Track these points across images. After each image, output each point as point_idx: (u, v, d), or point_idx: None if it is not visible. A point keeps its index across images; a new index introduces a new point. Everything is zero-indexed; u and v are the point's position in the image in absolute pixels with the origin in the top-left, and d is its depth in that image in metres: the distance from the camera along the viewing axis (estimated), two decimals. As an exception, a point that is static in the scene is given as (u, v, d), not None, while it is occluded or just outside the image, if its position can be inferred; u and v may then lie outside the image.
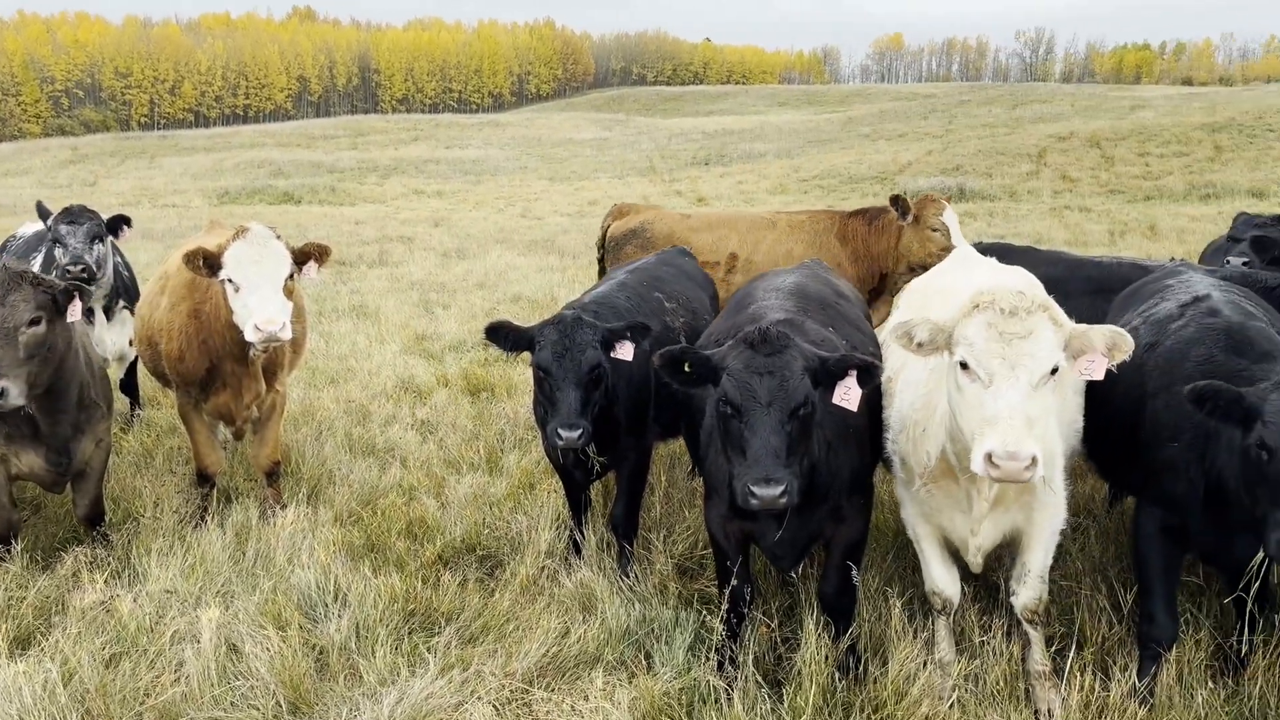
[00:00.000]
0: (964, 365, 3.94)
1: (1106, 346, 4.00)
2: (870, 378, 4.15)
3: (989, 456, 3.71)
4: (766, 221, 9.13)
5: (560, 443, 4.94)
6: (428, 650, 4.77)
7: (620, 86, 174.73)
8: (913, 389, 4.62)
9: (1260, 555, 4.03)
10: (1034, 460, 3.67)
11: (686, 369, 4.26)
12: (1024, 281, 5.18)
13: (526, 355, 5.25)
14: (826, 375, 4.14)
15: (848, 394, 4.14)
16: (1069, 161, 38.42)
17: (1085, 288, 6.13)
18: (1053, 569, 5.29)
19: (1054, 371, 3.89)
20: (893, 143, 51.18)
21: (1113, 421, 4.82)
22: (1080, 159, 38.85)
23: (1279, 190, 30.73)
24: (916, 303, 5.19)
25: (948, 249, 7.94)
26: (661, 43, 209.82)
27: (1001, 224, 24.84)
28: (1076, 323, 4.14)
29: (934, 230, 8.31)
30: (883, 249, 8.62)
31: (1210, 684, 4.41)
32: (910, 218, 8.46)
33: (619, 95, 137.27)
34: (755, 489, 3.89)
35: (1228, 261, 6.71)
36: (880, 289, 8.81)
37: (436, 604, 5.22)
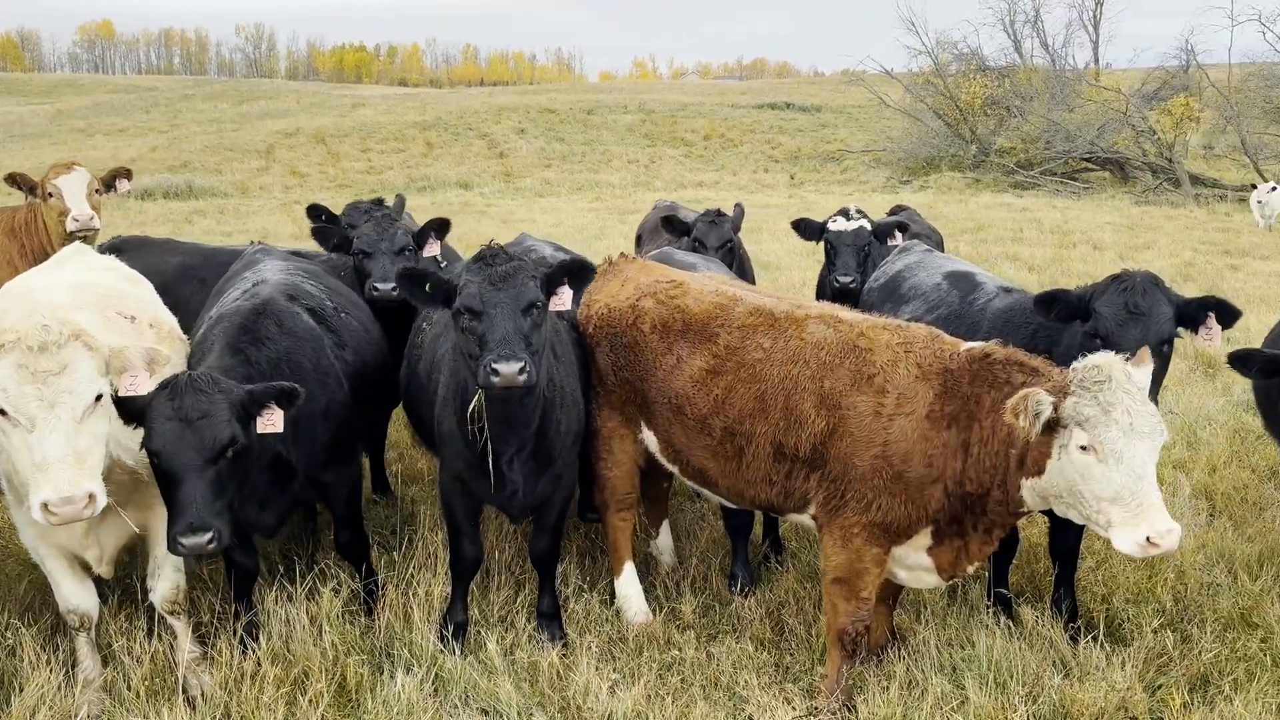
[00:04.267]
0: (2, 411, 3.76)
1: (146, 361, 4.12)
2: None
3: (46, 505, 3.64)
4: None
5: None
6: None
7: None
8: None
9: None
10: (91, 497, 3.69)
11: None
12: (118, 280, 5.12)
13: None
14: None
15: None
16: (298, 157, 39.44)
17: (220, 274, 6.34)
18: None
19: (99, 398, 3.88)
20: (113, 138, 47.22)
21: None
22: (308, 155, 40.12)
23: (481, 181, 35.28)
24: None
25: (66, 212, 7.60)
26: None
27: (232, 220, 24.57)
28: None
29: (51, 196, 7.74)
30: (39, 236, 7.86)
31: (348, 625, 4.91)
32: (37, 193, 7.82)
33: None
34: None
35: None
36: None
37: None
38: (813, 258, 17.82)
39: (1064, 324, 5.00)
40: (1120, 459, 3.67)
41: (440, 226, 6.68)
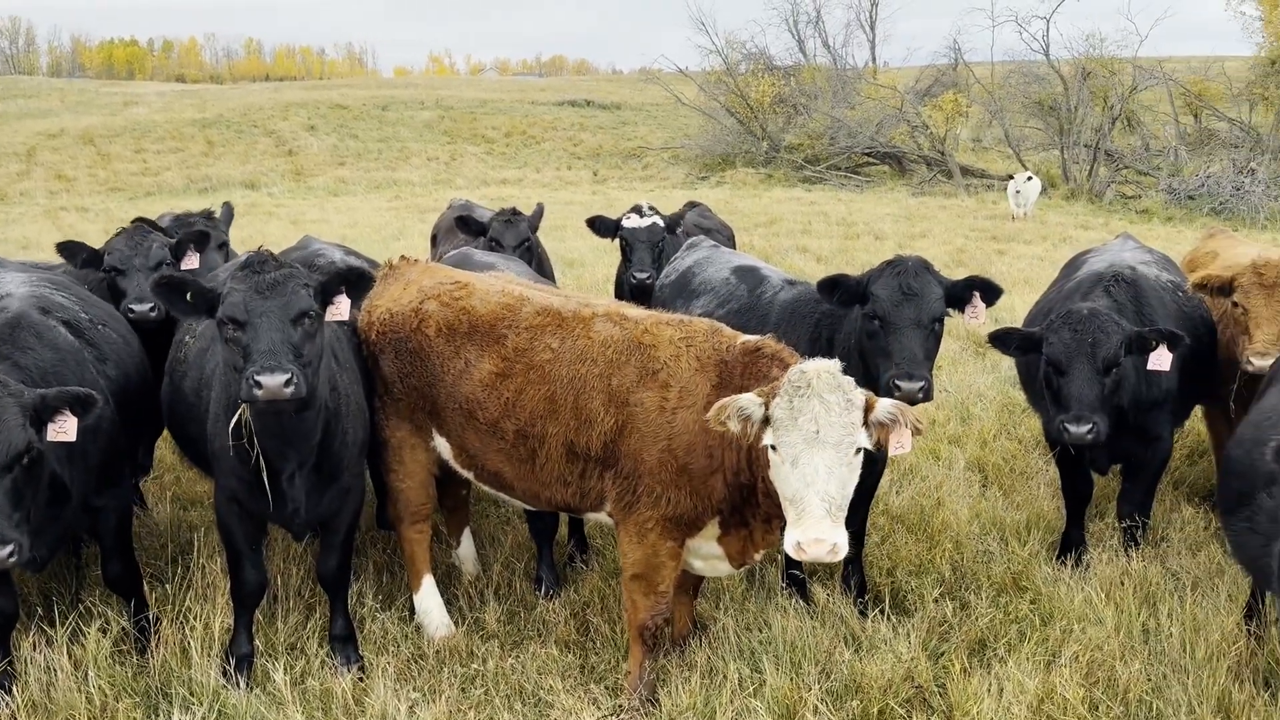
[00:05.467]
0: None
1: None
2: None
3: None
4: None
5: None
6: None
7: None
8: None
9: None
10: None
11: None
12: None
13: None
14: None
15: None
16: (63, 160, 36.42)
17: None
18: None
19: None
20: None
21: None
22: (75, 157, 37.12)
23: (269, 181, 33.61)
24: None
25: None
26: None
27: (-12, 230, 22.47)
28: None
29: None
30: None
31: (118, 666, 4.54)
32: None
33: None
34: None
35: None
36: None
37: None
38: (617, 254, 18.03)
39: (845, 308, 5.22)
40: (795, 463, 3.77)
41: (199, 239, 6.26)
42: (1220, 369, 6.18)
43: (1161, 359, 5.37)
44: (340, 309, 4.32)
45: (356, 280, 4.37)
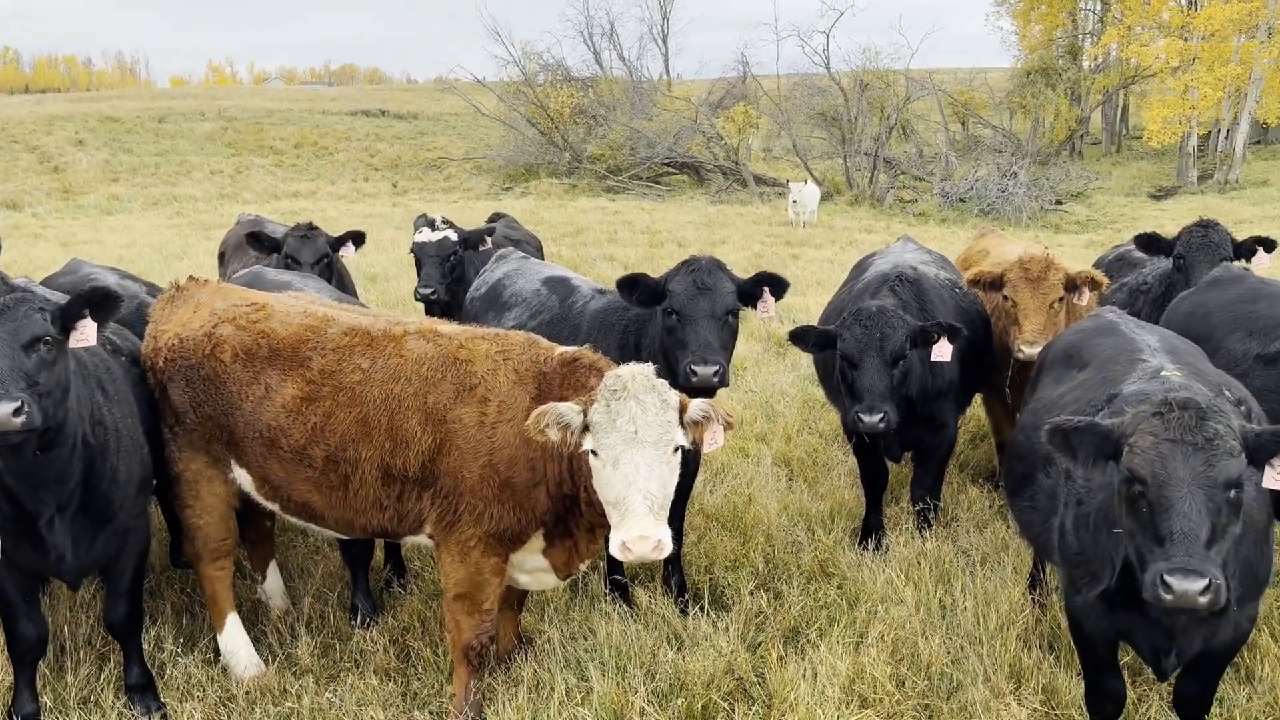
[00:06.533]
0: None
1: None
2: None
3: None
4: None
5: None
6: None
7: None
8: None
9: None
10: None
11: None
12: None
13: None
14: None
15: None
16: None
17: None
18: None
19: None
20: None
21: None
22: None
23: (33, 200, 30.92)
24: None
25: None
26: None
27: None
28: None
29: None
30: None
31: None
32: None
33: None
34: None
35: None
36: None
37: None
38: (419, 267, 17.66)
39: (645, 307, 5.39)
40: (617, 464, 3.83)
41: None
42: (996, 358, 6.69)
43: (943, 350, 5.78)
44: (85, 334, 4.02)
45: (101, 301, 4.06)
